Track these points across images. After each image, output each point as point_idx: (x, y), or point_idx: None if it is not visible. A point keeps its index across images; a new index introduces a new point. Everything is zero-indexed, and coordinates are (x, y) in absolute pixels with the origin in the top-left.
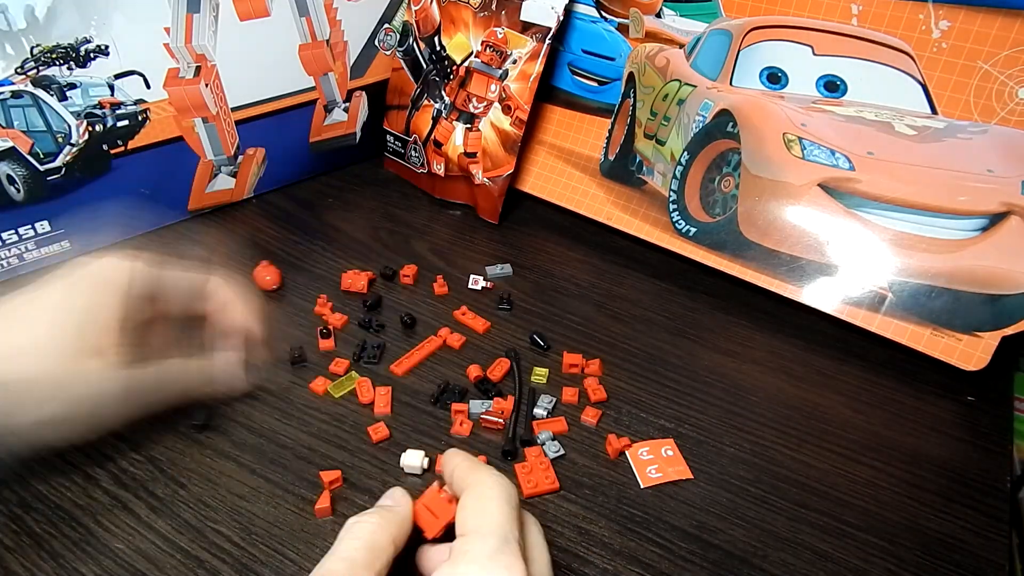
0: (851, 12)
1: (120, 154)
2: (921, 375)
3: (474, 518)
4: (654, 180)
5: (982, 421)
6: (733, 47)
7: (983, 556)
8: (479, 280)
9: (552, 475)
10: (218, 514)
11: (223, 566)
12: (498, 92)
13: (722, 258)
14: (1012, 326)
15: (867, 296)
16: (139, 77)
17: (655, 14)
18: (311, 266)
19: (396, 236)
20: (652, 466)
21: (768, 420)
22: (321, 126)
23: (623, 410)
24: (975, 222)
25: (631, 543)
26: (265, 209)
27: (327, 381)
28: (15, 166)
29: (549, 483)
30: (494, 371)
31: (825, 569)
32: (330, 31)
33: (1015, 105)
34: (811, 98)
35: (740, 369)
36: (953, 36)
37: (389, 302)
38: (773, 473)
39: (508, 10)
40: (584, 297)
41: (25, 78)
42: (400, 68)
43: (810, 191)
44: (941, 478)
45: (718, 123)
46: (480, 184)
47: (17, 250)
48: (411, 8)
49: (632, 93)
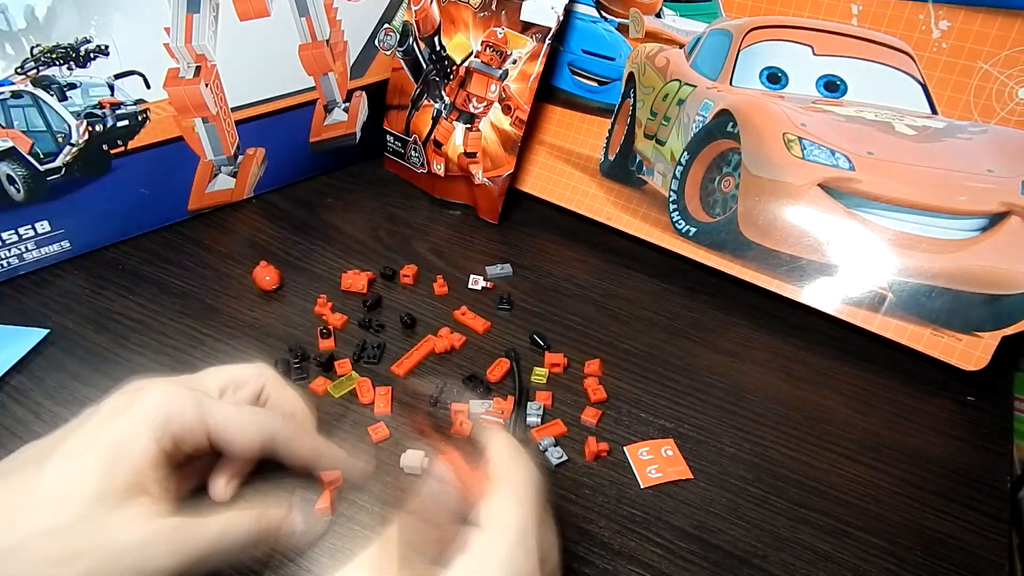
0: (851, 12)
1: (120, 154)
2: (921, 375)
3: (501, 515)
4: (654, 180)
5: (982, 421)
6: (733, 47)
7: (983, 556)
8: (479, 280)
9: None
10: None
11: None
12: (498, 92)
13: (722, 258)
14: (1012, 326)
15: (867, 296)
16: (139, 77)
17: (655, 14)
18: (311, 266)
19: (396, 236)
20: (652, 466)
21: (768, 420)
22: (321, 126)
23: (623, 410)
24: (975, 222)
25: (631, 543)
26: (265, 209)
27: (327, 381)
28: (15, 166)
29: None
30: (494, 371)
31: (825, 569)
32: (330, 31)
33: (1015, 105)
34: (811, 98)
35: (740, 369)
36: (953, 36)
37: (389, 302)
38: (773, 473)
39: (508, 10)
40: (584, 297)
41: (25, 78)
42: (400, 68)
43: (810, 191)
44: (941, 478)
45: (718, 123)
46: (480, 184)
47: (17, 250)
48: (411, 8)
49: (632, 93)
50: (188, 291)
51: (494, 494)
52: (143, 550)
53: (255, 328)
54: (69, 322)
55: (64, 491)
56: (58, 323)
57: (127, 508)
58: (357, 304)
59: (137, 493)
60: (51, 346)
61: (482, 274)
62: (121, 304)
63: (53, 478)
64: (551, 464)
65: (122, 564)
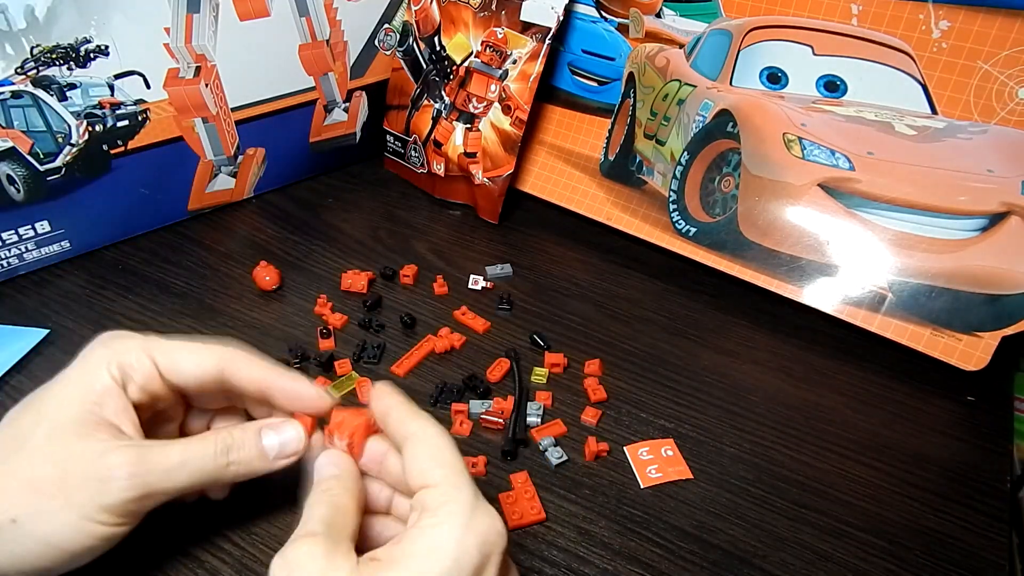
0: (851, 12)
1: (120, 154)
2: (921, 375)
3: (437, 469)
4: (654, 180)
5: (982, 421)
6: (733, 47)
7: (983, 556)
8: (479, 280)
9: (538, 505)
10: (219, 514)
11: (223, 566)
12: (498, 92)
13: (722, 258)
14: (1012, 326)
15: (867, 296)
16: (139, 77)
17: (655, 14)
18: (311, 266)
19: (396, 236)
20: (652, 466)
21: (768, 420)
22: (321, 126)
23: (623, 410)
24: (975, 222)
25: (631, 543)
26: (265, 209)
27: (327, 381)
28: (15, 166)
29: (535, 514)
30: (494, 371)
31: (825, 569)
32: (330, 31)
33: (1015, 105)
34: (811, 98)
35: (740, 369)
36: (953, 36)
37: (389, 302)
38: (773, 473)
39: (508, 10)
40: (584, 297)
41: (25, 78)
42: (400, 68)
43: (810, 191)
44: (941, 478)
45: (718, 123)
46: (480, 184)
47: (17, 250)
48: (411, 8)
49: (632, 93)
50: (188, 291)
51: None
52: (100, 480)
53: (255, 328)
54: (69, 322)
55: (26, 429)
56: (58, 323)
57: (87, 442)
58: (357, 304)
59: (99, 427)
60: (51, 346)
61: (482, 274)
62: (121, 304)
63: (19, 423)
64: (551, 464)
65: (81, 493)
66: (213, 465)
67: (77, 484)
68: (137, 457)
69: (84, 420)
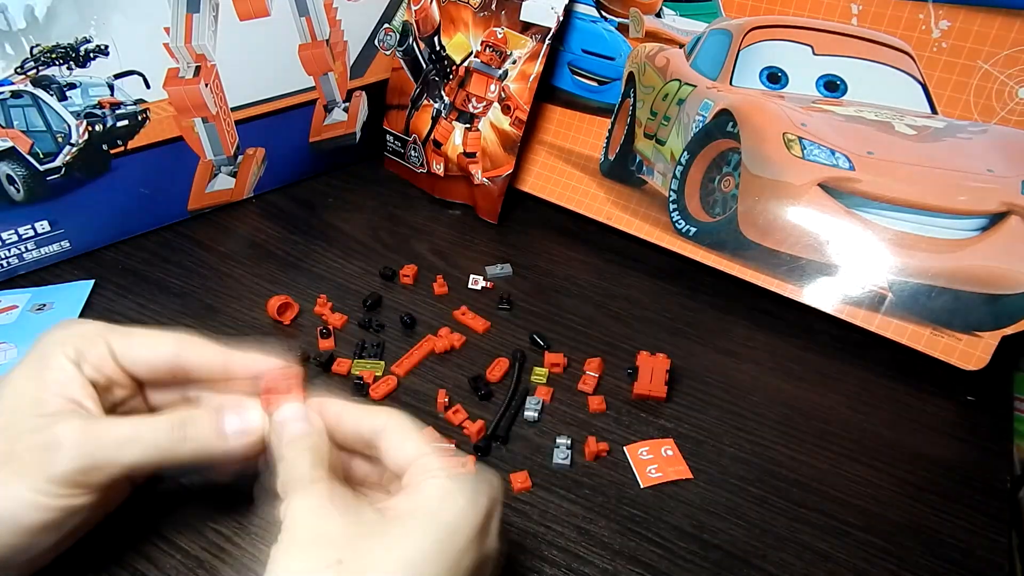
0: (851, 12)
1: (120, 154)
2: (921, 375)
3: (424, 444)
4: (654, 180)
5: (982, 421)
6: (733, 47)
7: (983, 556)
8: (479, 280)
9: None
10: (218, 514)
11: (223, 566)
12: (497, 92)
13: (722, 258)
14: (1012, 326)
15: (867, 296)
16: (139, 77)
17: (655, 14)
18: (311, 266)
19: (396, 236)
20: (652, 466)
21: (768, 420)
22: (321, 126)
23: (623, 410)
24: (975, 222)
25: (631, 543)
26: (265, 209)
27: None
28: (15, 166)
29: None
30: (494, 371)
31: (825, 569)
32: (330, 31)
33: (1015, 105)
34: (811, 98)
35: (740, 369)
36: (953, 36)
37: (389, 302)
38: (773, 473)
39: (508, 10)
40: (584, 297)
41: (25, 78)
42: (400, 68)
43: (810, 191)
44: (941, 478)
45: (718, 123)
46: (480, 184)
47: (17, 250)
48: (411, 8)
49: (632, 93)
50: (188, 291)
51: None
52: (47, 449)
53: (255, 328)
54: None
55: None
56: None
57: (41, 417)
58: (357, 304)
59: (56, 401)
60: None
61: (482, 274)
62: (121, 304)
63: None
64: (552, 464)
65: (29, 465)
66: (167, 440)
67: (24, 455)
68: (84, 427)
69: (39, 398)
